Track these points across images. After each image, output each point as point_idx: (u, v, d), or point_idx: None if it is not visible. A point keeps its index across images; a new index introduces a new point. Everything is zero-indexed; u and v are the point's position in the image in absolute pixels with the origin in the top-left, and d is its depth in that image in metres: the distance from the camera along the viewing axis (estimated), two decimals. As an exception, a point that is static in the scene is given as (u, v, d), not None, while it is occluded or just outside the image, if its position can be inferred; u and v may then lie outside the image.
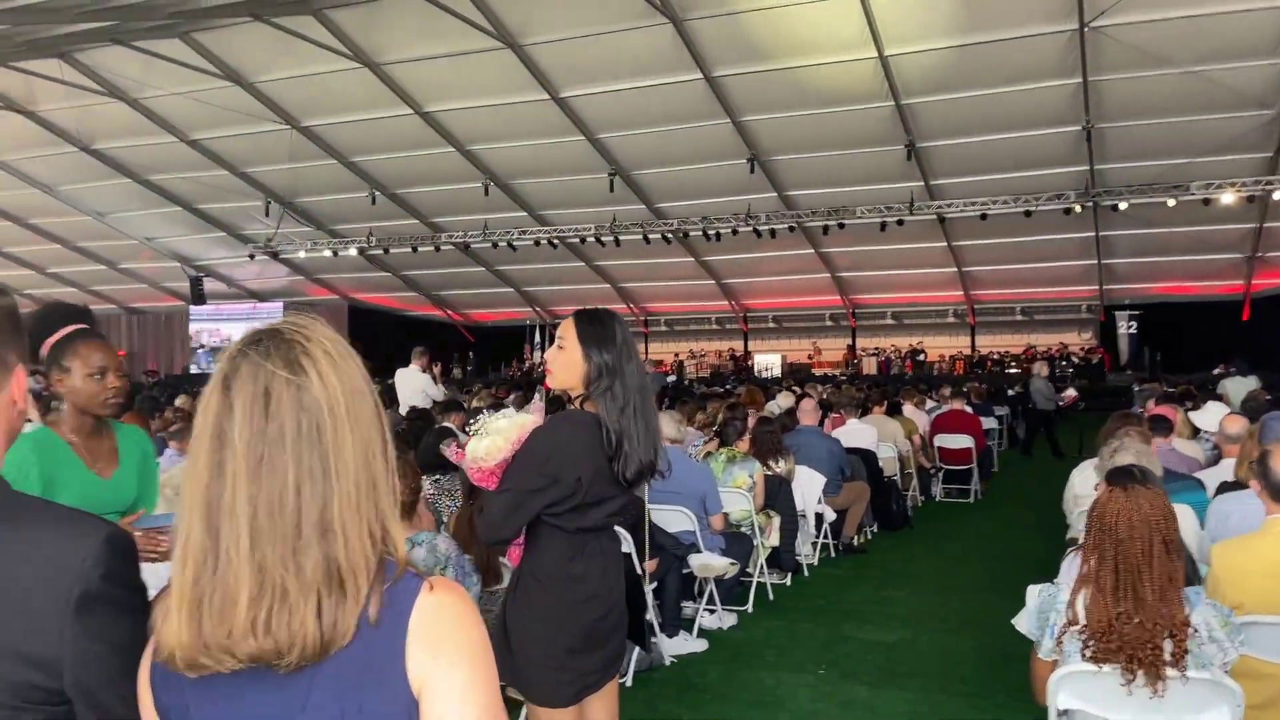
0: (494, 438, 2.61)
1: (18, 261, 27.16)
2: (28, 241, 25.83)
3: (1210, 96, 14.70)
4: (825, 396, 10.58)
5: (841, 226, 18.92)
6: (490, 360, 29.25)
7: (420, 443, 5.62)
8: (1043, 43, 14.31)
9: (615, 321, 2.75)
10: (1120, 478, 2.86)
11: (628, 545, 4.65)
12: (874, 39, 14.43)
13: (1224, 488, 4.50)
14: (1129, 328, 23.31)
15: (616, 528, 2.88)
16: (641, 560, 5.01)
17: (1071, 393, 16.42)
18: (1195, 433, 7.24)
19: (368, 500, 1.21)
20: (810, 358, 26.38)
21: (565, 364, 2.71)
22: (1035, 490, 10.57)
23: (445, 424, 6.69)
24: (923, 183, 18.38)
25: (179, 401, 9.94)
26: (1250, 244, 20.15)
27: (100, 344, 2.87)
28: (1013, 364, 24.00)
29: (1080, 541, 3.11)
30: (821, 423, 8.38)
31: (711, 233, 19.64)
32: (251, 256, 22.71)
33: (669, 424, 5.63)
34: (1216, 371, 20.56)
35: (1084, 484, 5.56)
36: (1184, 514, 3.47)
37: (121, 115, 18.53)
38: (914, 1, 13.74)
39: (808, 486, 7.12)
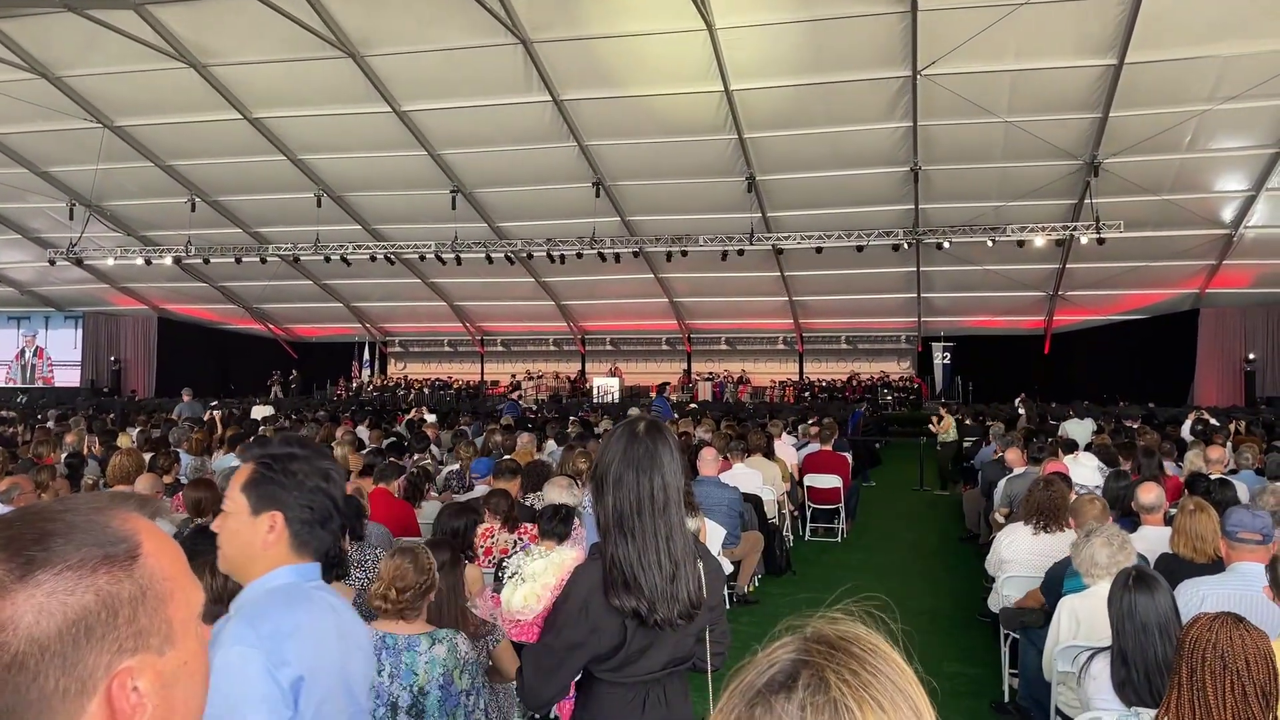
0: (531, 585, 2.28)
1: None
2: None
3: (1026, 145, 15.77)
4: (705, 436, 10.40)
5: (685, 254, 19.14)
6: (315, 378, 27.98)
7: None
8: (878, 87, 14.97)
9: (612, 443, 2.32)
10: (1141, 586, 2.97)
11: None
12: (721, 73, 14.69)
13: (1165, 560, 4.55)
14: (944, 358, 24.63)
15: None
16: None
17: None
18: None
19: None
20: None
21: None
22: (893, 528, 11.10)
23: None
24: (760, 214, 18.85)
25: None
26: (1053, 283, 21.74)
27: None
28: (839, 391, 24.95)
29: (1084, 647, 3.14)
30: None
31: (556, 255, 19.43)
32: (52, 262, 20.81)
33: (558, 491, 5.01)
34: (1018, 401, 22.05)
35: (1011, 549, 5.54)
36: None
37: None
38: (760, 40, 14.05)
39: (711, 541, 6.66)
